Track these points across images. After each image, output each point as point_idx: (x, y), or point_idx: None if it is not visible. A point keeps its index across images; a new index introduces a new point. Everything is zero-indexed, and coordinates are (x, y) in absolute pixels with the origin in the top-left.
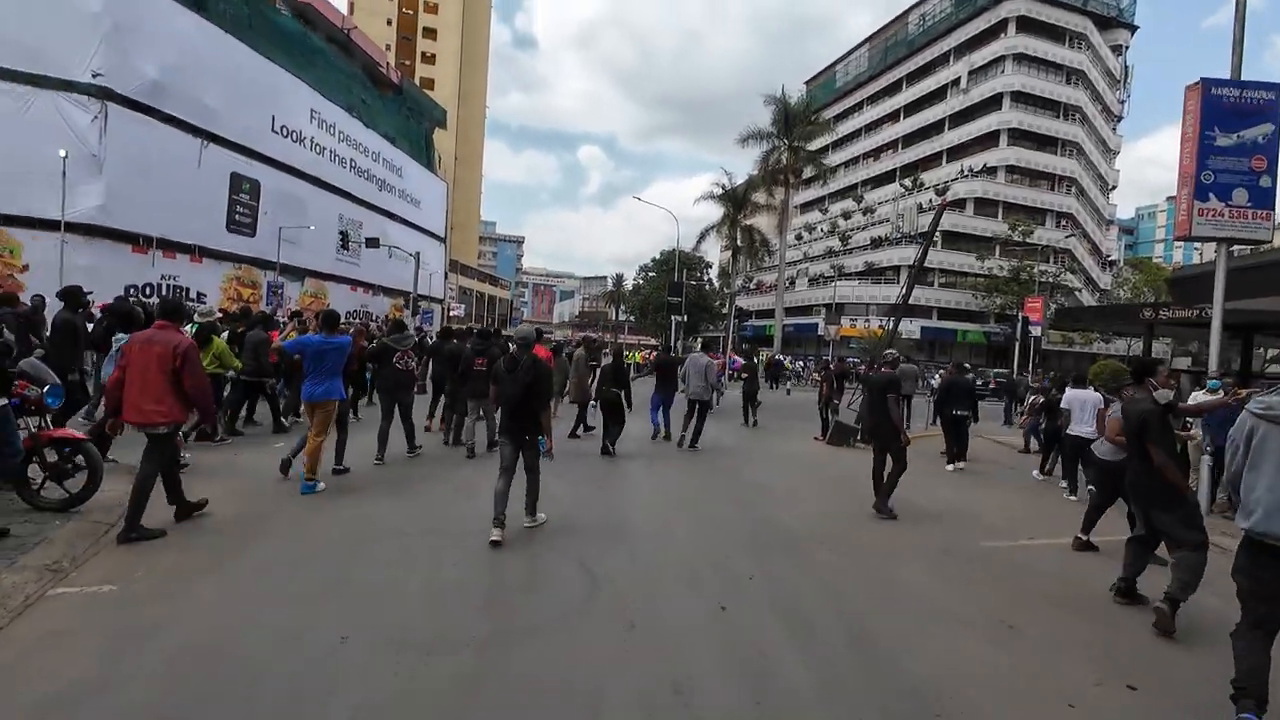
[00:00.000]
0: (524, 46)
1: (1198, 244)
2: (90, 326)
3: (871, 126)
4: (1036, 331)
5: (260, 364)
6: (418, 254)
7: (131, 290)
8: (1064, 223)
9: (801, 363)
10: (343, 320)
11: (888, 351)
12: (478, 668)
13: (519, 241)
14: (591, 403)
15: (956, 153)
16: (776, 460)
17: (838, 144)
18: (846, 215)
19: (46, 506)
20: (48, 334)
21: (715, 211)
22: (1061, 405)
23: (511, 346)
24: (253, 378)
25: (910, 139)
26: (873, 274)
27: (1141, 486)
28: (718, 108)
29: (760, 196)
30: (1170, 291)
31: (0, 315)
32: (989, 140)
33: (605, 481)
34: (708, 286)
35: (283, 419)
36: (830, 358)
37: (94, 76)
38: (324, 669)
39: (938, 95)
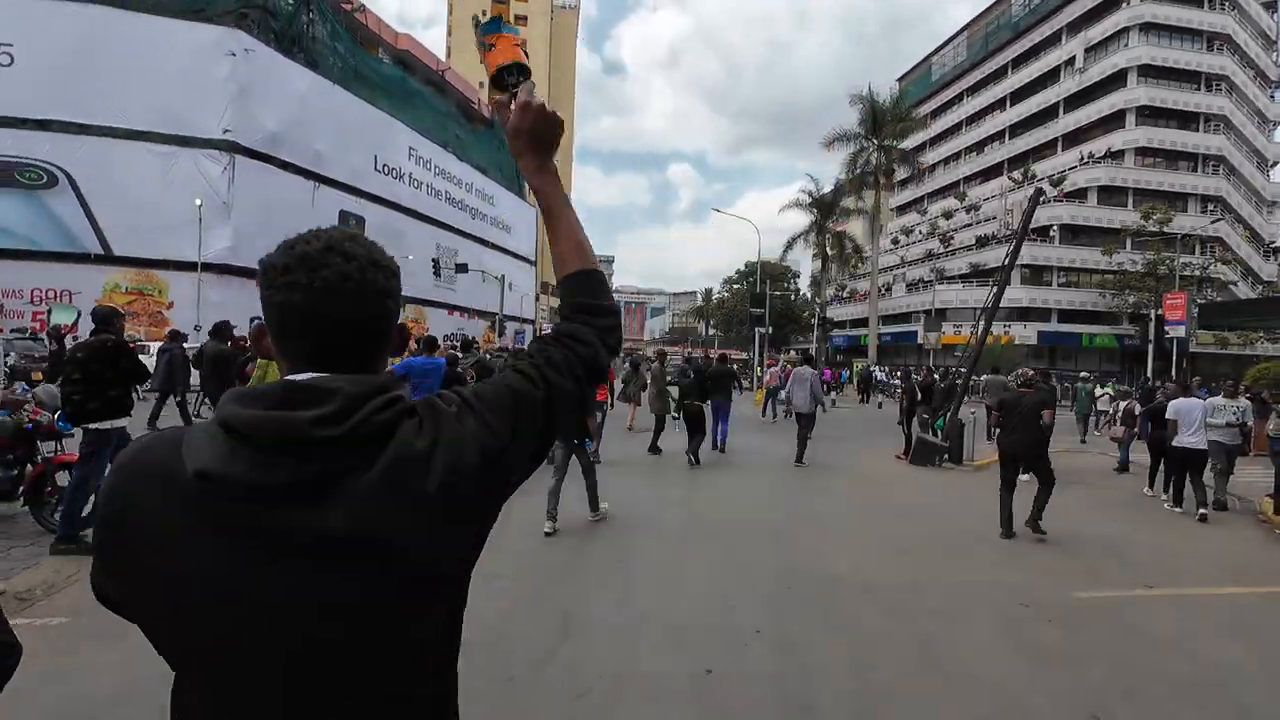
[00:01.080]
0: (613, 72)
1: None
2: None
3: (973, 118)
4: (1179, 332)
5: None
6: (503, 276)
7: (255, 320)
8: (1211, 207)
9: (898, 372)
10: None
11: (1022, 370)
12: None
13: (608, 261)
14: (672, 414)
15: (1075, 138)
16: (845, 480)
17: (936, 140)
18: (947, 215)
19: (54, 529)
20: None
21: (804, 220)
22: (1168, 415)
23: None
24: None
25: (1019, 128)
26: (978, 276)
27: None
28: (808, 116)
29: (850, 201)
30: None
31: (171, 349)
32: (1113, 121)
33: (633, 496)
34: (795, 297)
35: None
36: (916, 367)
37: (224, 133)
38: None
39: (1050, 78)
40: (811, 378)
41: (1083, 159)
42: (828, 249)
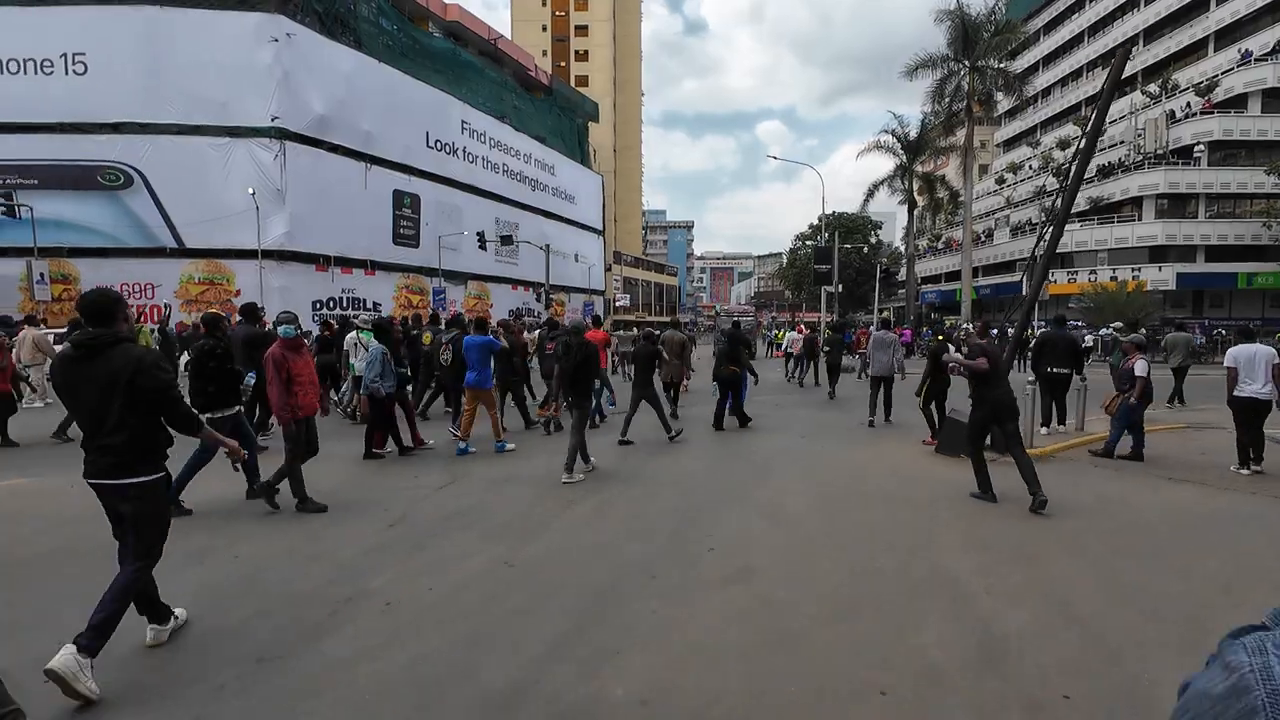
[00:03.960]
0: (695, 32)
1: None
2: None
3: (1097, 27)
4: None
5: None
6: (547, 246)
7: (317, 304)
8: None
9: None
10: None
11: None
12: None
13: (688, 227)
14: (711, 386)
15: (1230, 34)
16: (831, 475)
17: (1050, 58)
18: (1064, 145)
19: None
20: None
21: (890, 165)
22: (1225, 364)
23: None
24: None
25: (1154, 31)
26: (1099, 212)
27: None
28: (908, 50)
29: (942, 138)
30: None
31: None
32: None
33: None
34: (877, 250)
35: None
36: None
37: (273, 120)
38: None
39: None
40: (893, 342)
41: (1242, 57)
42: (915, 194)
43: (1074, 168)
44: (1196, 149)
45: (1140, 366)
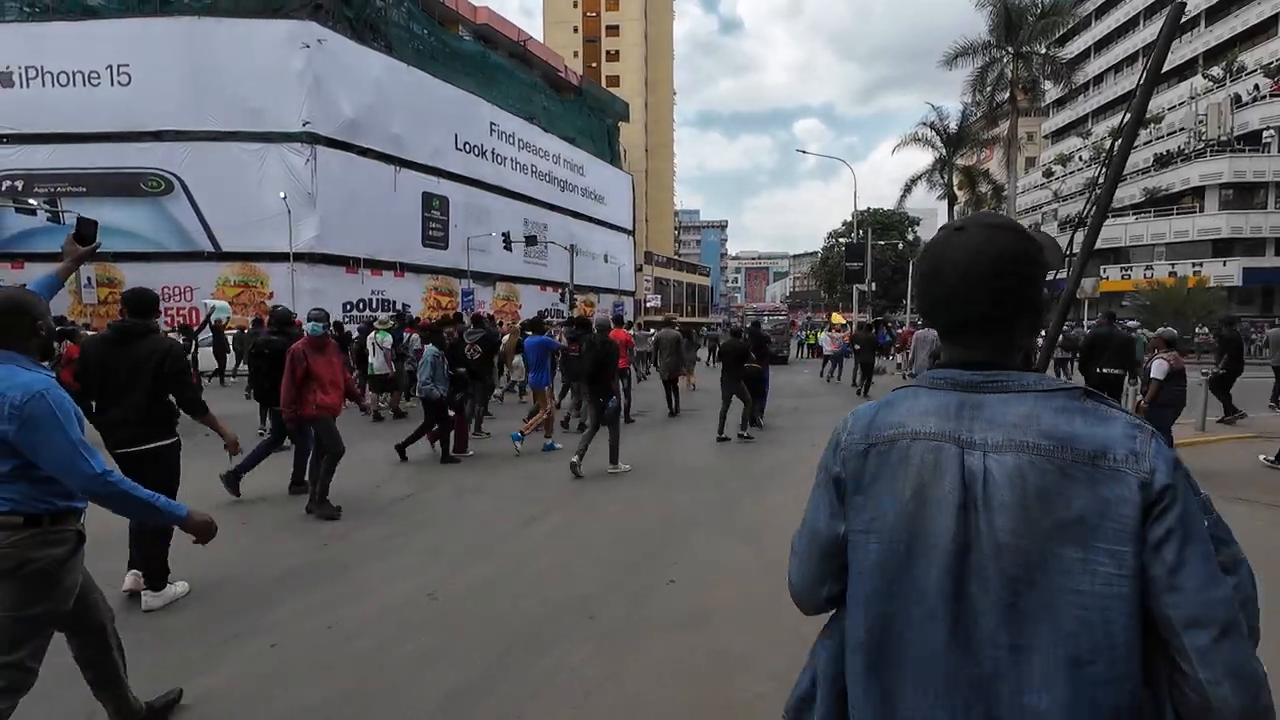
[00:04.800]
0: (730, 30)
1: None
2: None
3: (1154, 8)
4: None
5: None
6: (572, 246)
7: (347, 305)
8: None
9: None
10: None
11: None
12: None
13: (721, 226)
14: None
15: None
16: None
17: (1102, 43)
18: (1118, 134)
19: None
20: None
21: (928, 159)
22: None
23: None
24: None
25: (1217, 11)
26: (1156, 204)
27: None
28: (949, 42)
29: (983, 130)
30: None
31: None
32: None
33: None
34: (914, 248)
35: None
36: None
37: (304, 125)
38: None
39: None
40: (933, 340)
41: None
42: (955, 189)
43: (1119, 142)
44: (1266, 134)
45: (1157, 367)
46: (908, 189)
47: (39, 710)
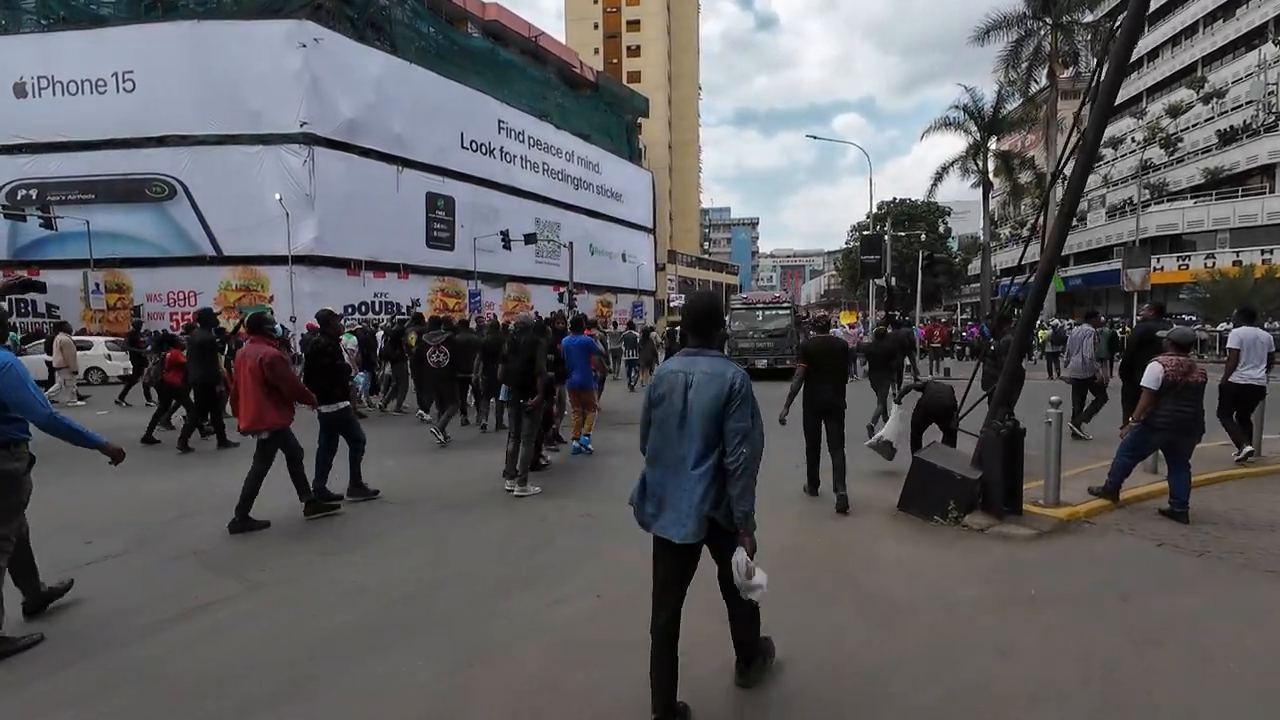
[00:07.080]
0: (765, 26)
1: None
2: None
3: None
4: None
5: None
6: (571, 244)
7: (349, 309)
8: None
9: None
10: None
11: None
12: None
13: (753, 224)
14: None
15: None
16: (784, 523)
17: (1156, 15)
18: (1175, 110)
19: None
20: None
21: (962, 145)
22: (1229, 345)
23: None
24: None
25: None
26: (1217, 185)
27: None
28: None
29: (1020, 110)
30: None
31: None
32: None
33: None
34: (947, 239)
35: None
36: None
37: (301, 126)
38: None
39: None
40: (1084, 337)
41: None
42: (991, 176)
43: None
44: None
45: (1150, 373)
46: (938, 177)
47: None
